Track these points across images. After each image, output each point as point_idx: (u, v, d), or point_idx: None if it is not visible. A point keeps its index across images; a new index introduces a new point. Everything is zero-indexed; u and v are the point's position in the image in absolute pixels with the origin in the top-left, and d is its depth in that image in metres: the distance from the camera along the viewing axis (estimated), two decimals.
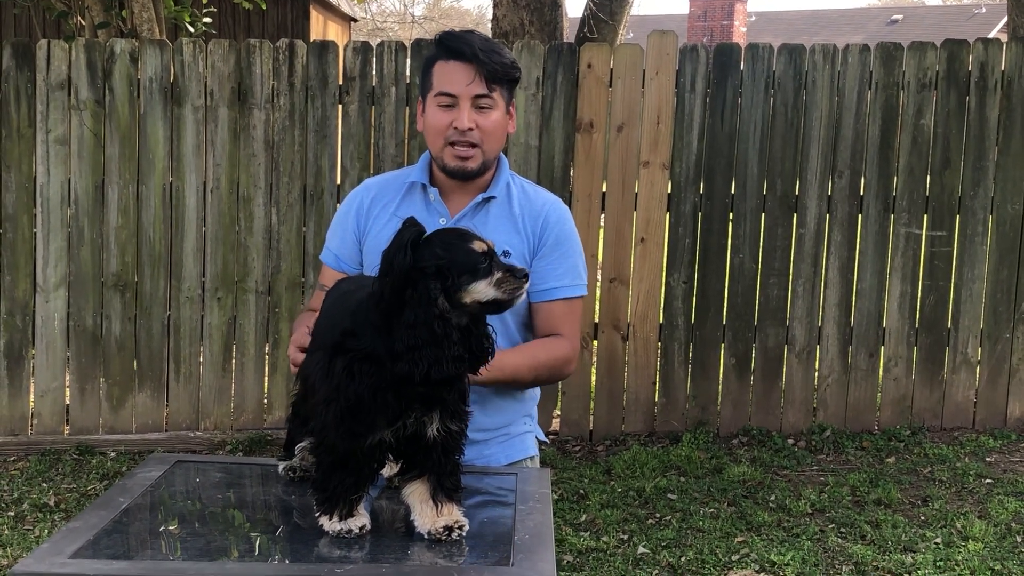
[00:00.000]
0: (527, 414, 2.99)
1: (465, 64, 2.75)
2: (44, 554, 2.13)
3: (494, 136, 2.81)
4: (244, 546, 2.27)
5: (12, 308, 6.04)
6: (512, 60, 2.83)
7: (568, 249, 2.88)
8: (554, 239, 2.86)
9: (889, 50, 6.21)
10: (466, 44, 2.76)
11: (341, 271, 2.89)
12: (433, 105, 2.79)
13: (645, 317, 6.25)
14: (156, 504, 2.48)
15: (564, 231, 2.88)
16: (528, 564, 2.13)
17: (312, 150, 6.06)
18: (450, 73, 2.77)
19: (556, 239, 2.86)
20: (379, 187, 2.94)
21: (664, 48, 6.14)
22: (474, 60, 2.74)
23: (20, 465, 5.88)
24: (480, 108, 2.77)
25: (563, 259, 2.87)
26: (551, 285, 2.85)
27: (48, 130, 5.97)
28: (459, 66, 2.76)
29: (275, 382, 6.21)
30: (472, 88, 2.75)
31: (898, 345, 6.31)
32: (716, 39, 33.80)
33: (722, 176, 6.20)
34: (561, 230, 2.88)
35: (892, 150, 6.22)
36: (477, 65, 2.74)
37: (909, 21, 37.62)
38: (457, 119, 2.75)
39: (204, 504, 2.52)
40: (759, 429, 6.25)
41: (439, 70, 2.79)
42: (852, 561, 4.68)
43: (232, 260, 6.10)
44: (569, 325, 2.87)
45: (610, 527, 5.03)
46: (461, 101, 2.75)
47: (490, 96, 2.77)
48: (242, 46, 6.03)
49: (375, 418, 2.19)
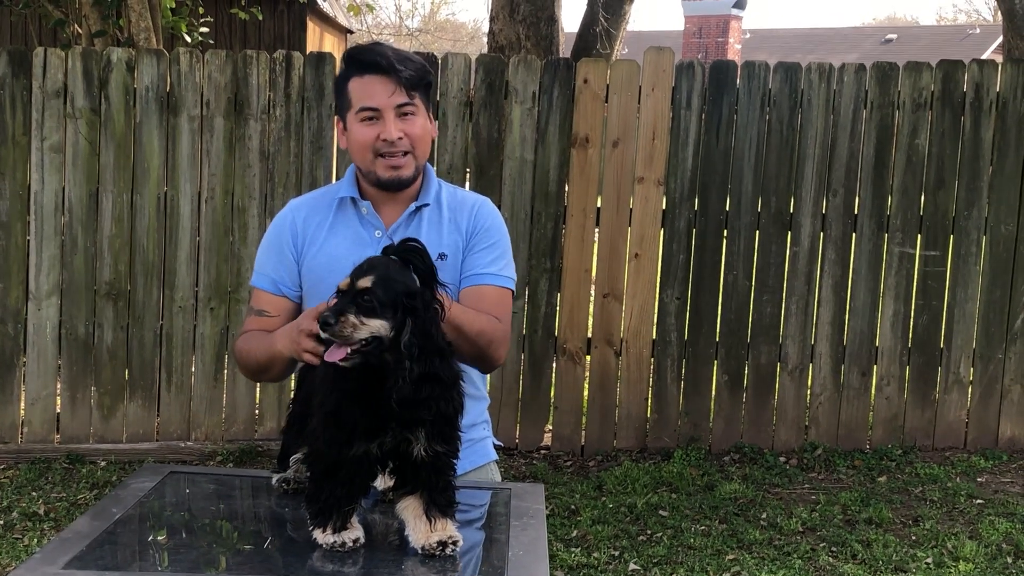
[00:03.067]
0: (484, 419, 2.99)
1: (382, 76, 2.74)
2: (36, 564, 2.12)
3: (423, 141, 2.80)
4: (237, 558, 2.26)
5: (4, 315, 6.01)
6: (424, 64, 2.83)
7: (497, 241, 2.86)
8: (484, 231, 2.85)
9: (885, 70, 6.23)
10: (380, 56, 2.74)
11: (280, 295, 2.84)
12: (355, 121, 2.76)
13: (638, 333, 6.25)
14: (149, 515, 2.47)
15: (494, 225, 2.88)
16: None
17: (308, 161, 6.06)
18: (368, 87, 2.75)
19: (486, 231, 2.85)
20: (308, 206, 2.89)
21: (661, 64, 6.15)
22: (391, 71, 2.73)
23: (10, 473, 5.85)
24: (404, 116, 2.75)
25: (492, 249, 2.84)
26: (480, 271, 2.82)
27: (43, 138, 5.95)
28: (376, 79, 2.74)
29: (266, 394, 6.19)
30: (394, 98, 2.73)
31: (891, 364, 6.32)
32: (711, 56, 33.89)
33: (717, 193, 6.21)
34: (491, 224, 2.87)
35: (887, 169, 6.24)
36: (395, 75, 2.73)
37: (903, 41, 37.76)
38: (384, 131, 2.73)
39: (197, 516, 2.51)
40: (751, 446, 6.25)
41: (356, 86, 2.77)
42: None
43: (226, 270, 6.09)
44: (502, 312, 2.82)
45: (601, 543, 5.02)
46: (385, 112, 2.73)
47: (412, 103, 2.76)
48: (239, 57, 6.03)
49: (354, 429, 2.21)
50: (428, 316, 2.24)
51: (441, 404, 2.24)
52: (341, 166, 6.04)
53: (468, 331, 2.65)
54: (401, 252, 2.27)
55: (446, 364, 2.24)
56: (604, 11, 9.25)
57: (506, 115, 6.10)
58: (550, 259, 6.17)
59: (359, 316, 2.20)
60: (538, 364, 6.24)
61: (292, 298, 2.85)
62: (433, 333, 2.24)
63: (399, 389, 2.18)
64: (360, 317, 2.20)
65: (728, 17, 35.55)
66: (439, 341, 2.25)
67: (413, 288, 2.24)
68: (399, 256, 2.27)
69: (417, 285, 2.25)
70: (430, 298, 2.26)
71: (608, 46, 9.33)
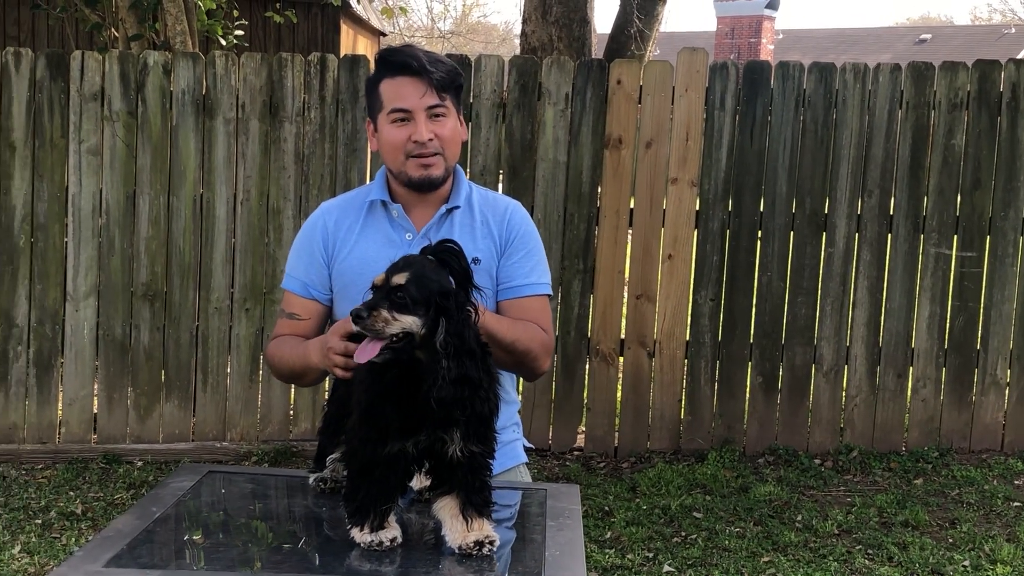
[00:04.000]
0: (514, 422, 2.99)
1: (413, 78, 2.75)
2: (78, 562, 2.15)
3: (453, 143, 2.81)
4: (275, 557, 2.28)
5: (42, 316, 6.08)
6: (455, 66, 2.84)
7: (532, 248, 2.87)
8: (519, 239, 2.85)
9: (920, 69, 6.19)
10: (412, 58, 2.75)
11: (310, 298, 2.86)
12: (386, 123, 2.78)
13: (672, 334, 6.23)
14: (188, 514, 2.49)
15: (527, 231, 2.88)
16: None
17: (342, 163, 6.08)
18: (399, 88, 2.76)
19: (521, 239, 2.86)
20: (339, 209, 2.91)
21: (694, 65, 6.14)
22: (422, 72, 2.74)
23: (48, 473, 5.91)
24: (435, 117, 2.76)
25: (528, 258, 2.85)
26: (520, 283, 2.83)
27: (81, 140, 6.01)
28: (407, 80, 2.76)
29: (301, 394, 6.22)
30: (425, 100, 2.75)
31: (927, 366, 6.27)
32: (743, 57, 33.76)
33: (751, 194, 6.19)
34: (524, 230, 2.88)
35: (922, 170, 6.20)
36: (426, 76, 2.74)
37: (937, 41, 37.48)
38: (415, 132, 2.75)
39: (235, 515, 2.53)
40: (785, 448, 6.22)
41: (387, 88, 2.78)
42: None
43: (261, 271, 6.12)
44: (545, 321, 2.84)
45: (635, 544, 5.01)
46: (416, 114, 2.75)
47: (443, 105, 2.77)
48: (274, 59, 6.07)
49: (389, 427, 2.22)
50: (461, 317, 2.24)
51: (476, 404, 2.25)
52: (375, 168, 6.06)
53: (502, 340, 2.65)
54: (438, 252, 2.28)
55: (476, 366, 2.25)
56: (637, 12, 9.24)
57: (539, 116, 6.10)
58: (583, 260, 6.16)
59: (392, 312, 2.21)
60: (571, 365, 6.24)
61: (322, 301, 2.87)
62: (466, 334, 2.24)
63: (439, 388, 2.19)
64: (393, 312, 2.21)
65: (761, 17, 35.39)
66: (471, 343, 2.26)
67: (447, 288, 2.25)
68: (436, 256, 2.28)
69: (452, 285, 2.26)
70: (464, 299, 2.27)
71: (641, 47, 9.31)
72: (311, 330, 2.85)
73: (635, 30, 9.30)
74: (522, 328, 2.74)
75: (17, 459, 6.05)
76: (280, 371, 2.86)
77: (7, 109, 5.99)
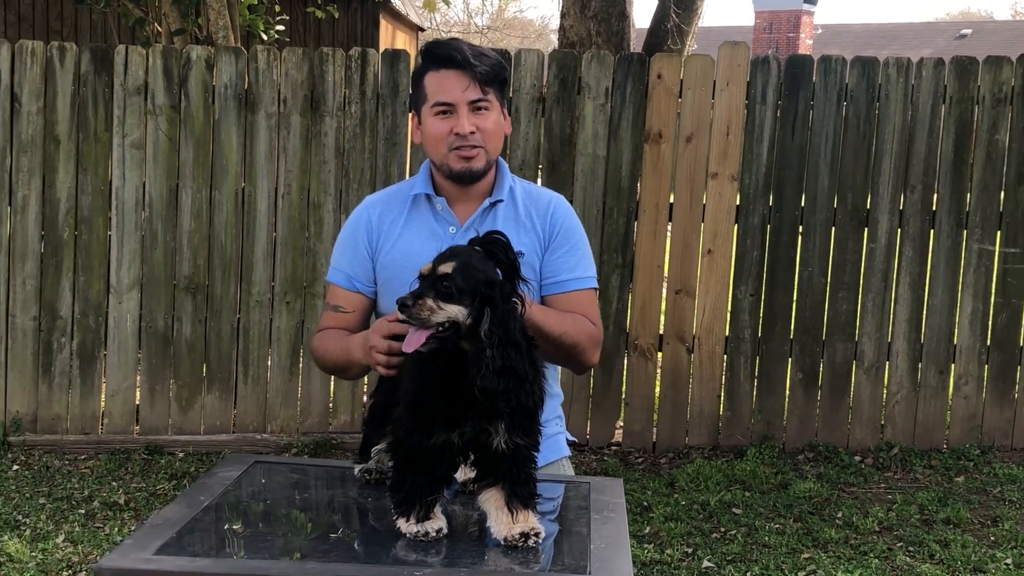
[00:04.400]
0: (557, 415, 2.99)
1: (457, 71, 2.76)
2: (128, 550, 2.17)
3: (495, 136, 2.82)
4: (322, 547, 2.29)
5: (86, 309, 6.14)
6: (500, 60, 2.84)
7: (577, 242, 2.88)
8: (563, 233, 2.86)
9: (964, 64, 6.13)
10: (456, 51, 2.76)
11: (355, 291, 2.88)
12: (430, 115, 2.79)
13: (711, 329, 6.22)
14: (234, 503, 2.51)
15: (571, 224, 2.88)
16: (605, 573, 2.12)
17: (382, 158, 6.10)
18: (443, 81, 2.77)
19: (564, 233, 2.86)
20: (383, 203, 2.93)
21: (735, 59, 6.12)
22: (466, 66, 2.75)
23: (91, 464, 5.97)
24: (477, 111, 2.77)
25: (573, 252, 2.86)
26: (566, 277, 2.84)
27: (124, 134, 6.06)
28: (451, 74, 2.76)
29: (341, 387, 6.25)
30: (468, 93, 2.76)
31: (969, 363, 6.22)
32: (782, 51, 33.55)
33: (792, 189, 6.16)
34: (568, 224, 2.88)
35: (966, 165, 6.15)
36: (470, 70, 2.75)
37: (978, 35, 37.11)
38: (457, 125, 2.76)
39: (280, 505, 2.54)
40: (825, 445, 6.19)
41: (432, 80, 2.79)
42: None
43: (301, 265, 6.16)
44: (594, 314, 2.85)
45: (674, 540, 5.00)
46: (459, 107, 2.76)
47: (486, 99, 2.78)
48: (315, 54, 6.09)
49: (434, 417, 2.23)
50: (506, 308, 2.25)
51: (521, 397, 2.25)
52: (415, 162, 6.08)
53: (549, 332, 2.66)
54: (485, 244, 2.29)
55: (521, 357, 2.25)
56: (676, 6, 9.20)
57: (578, 111, 6.10)
58: (622, 255, 6.15)
59: (437, 300, 2.22)
60: (609, 360, 6.23)
61: (366, 294, 2.89)
62: (511, 325, 2.25)
63: (483, 378, 2.19)
64: (438, 302, 2.22)
65: (799, 12, 35.15)
66: (516, 335, 2.26)
67: (493, 278, 2.25)
68: (483, 247, 2.29)
69: (498, 276, 2.27)
70: (510, 291, 2.27)
71: (680, 42, 9.28)
72: (356, 323, 2.87)
73: (673, 25, 9.26)
74: (571, 321, 2.75)
75: (61, 449, 6.12)
76: (324, 364, 2.89)
77: (52, 103, 6.05)
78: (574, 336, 2.74)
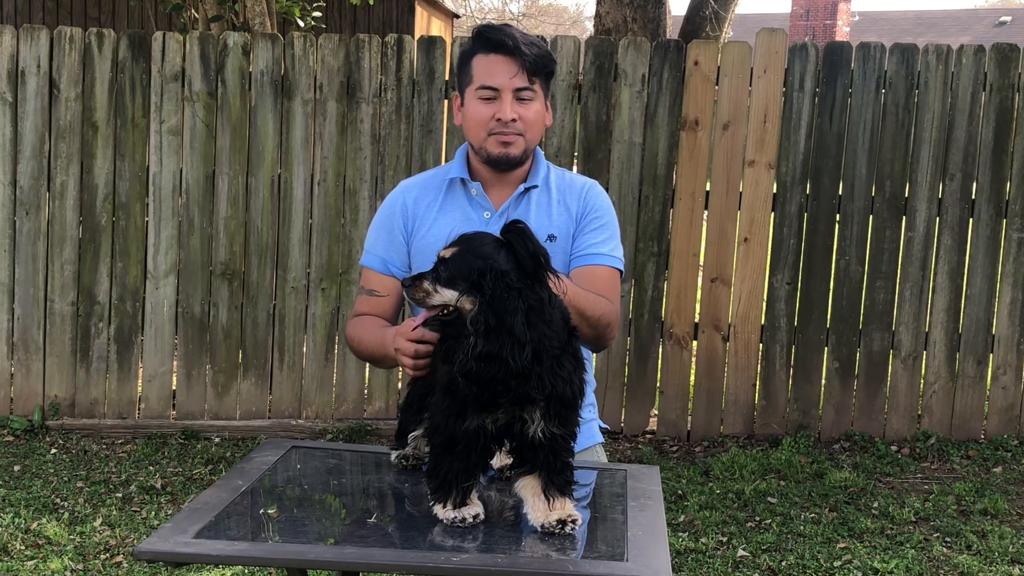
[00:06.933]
0: (590, 401, 2.99)
1: (507, 57, 2.76)
2: (168, 533, 2.18)
3: (536, 126, 2.82)
4: (360, 531, 2.30)
5: (123, 294, 6.18)
6: (549, 52, 2.83)
7: (608, 222, 2.88)
8: (593, 211, 2.87)
9: (1005, 51, 6.06)
10: (507, 37, 2.76)
11: (389, 275, 2.88)
12: (474, 98, 2.80)
13: (747, 318, 6.19)
14: (272, 488, 2.52)
15: (603, 206, 2.89)
16: (643, 560, 2.12)
17: (417, 144, 6.11)
18: (491, 66, 2.78)
19: (595, 211, 2.87)
20: (419, 187, 2.93)
21: (773, 46, 6.07)
22: (516, 53, 2.75)
23: (128, 448, 6.02)
24: (521, 100, 2.77)
25: (602, 230, 2.86)
26: (591, 251, 2.83)
27: (162, 120, 6.10)
28: (500, 59, 2.77)
29: (375, 373, 6.27)
30: (515, 81, 2.76)
31: (1007, 353, 6.16)
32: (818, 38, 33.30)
33: (829, 177, 6.11)
34: (600, 205, 2.89)
35: (1006, 153, 6.08)
36: (519, 58, 2.75)
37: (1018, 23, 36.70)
38: (500, 111, 2.76)
39: (317, 490, 2.55)
40: (861, 435, 6.15)
41: (479, 63, 2.80)
42: (958, 571, 4.58)
43: (337, 252, 6.17)
44: (614, 294, 2.84)
45: (709, 528, 4.99)
46: (503, 93, 2.76)
47: (531, 88, 2.78)
48: (351, 41, 6.10)
49: (466, 401, 2.23)
50: (499, 296, 2.21)
51: (558, 384, 2.24)
52: (450, 149, 6.08)
53: (590, 315, 2.66)
54: (504, 232, 2.28)
55: (516, 346, 2.19)
56: None
57: (615, 98, 6.07)
58: (657, 243, 6.13)
59: (434, 284, 2.28)
60: (644, 348, 6.21)
61: (401, 278, 2.88)
62: (507, 314, 2.20)
63: (461, 364, 2.21)
64: (435, 285, 2.28)
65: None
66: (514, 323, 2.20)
67: (488, 266, 2.23)
68: (503, 235, 2.27)
69: (501, 264, 2.24)
70: (513, 280, 2.23)
71: (717, 28, 9.23)
72: (390, 307, 2.88)
73: (710, 12, 9.21)
74: (604, 302, 2.75)
75: (98, 434, 6.17)
76: (359, 353, 2.89)
77: (90, 89, 6.09)
78: (608, 317, 2.76)
